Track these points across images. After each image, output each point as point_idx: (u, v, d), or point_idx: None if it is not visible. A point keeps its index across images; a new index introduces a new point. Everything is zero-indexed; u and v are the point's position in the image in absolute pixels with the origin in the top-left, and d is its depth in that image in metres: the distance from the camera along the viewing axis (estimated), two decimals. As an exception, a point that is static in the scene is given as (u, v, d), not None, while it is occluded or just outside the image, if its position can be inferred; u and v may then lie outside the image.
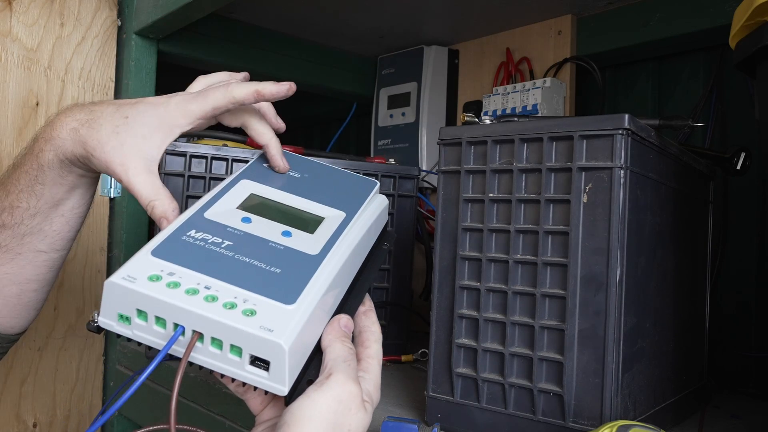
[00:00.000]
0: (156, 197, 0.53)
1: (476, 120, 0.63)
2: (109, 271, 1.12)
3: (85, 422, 1.10)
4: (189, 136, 0.98)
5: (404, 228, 0.96)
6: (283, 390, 0.42)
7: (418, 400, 0.74)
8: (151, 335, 0.43)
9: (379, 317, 0.97)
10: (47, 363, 1.06)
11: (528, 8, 1.07)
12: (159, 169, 0.57)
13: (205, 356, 0.42)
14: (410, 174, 0.97)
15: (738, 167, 0.78)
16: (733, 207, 0.94)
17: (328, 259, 0.48)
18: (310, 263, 0.47)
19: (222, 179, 0.87)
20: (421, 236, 1.11)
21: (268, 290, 0.43)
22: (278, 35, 1.27)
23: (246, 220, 0.50)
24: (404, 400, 0.75)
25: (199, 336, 0.42)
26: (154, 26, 1.03)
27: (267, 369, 0.41)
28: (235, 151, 0.89)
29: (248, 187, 0.55)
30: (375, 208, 0.57)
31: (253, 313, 0.41)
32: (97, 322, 0.46)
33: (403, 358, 0.94)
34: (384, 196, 0.61)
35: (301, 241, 0.49)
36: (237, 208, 0.52)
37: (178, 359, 0.42)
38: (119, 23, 1.12)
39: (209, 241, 0.47)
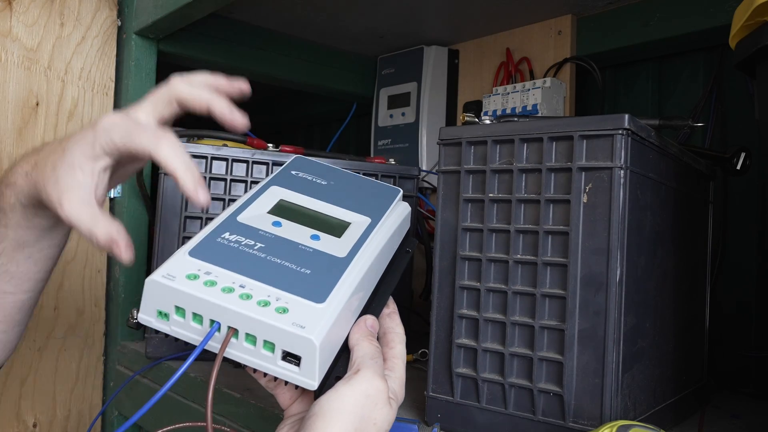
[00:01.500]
0: (93, 225, 0.50)
1: (476, 120, 0.63)
2: (109, 271, 1.12)
3: (85, 422, 1.10)
4: (189, 136, 0.98)
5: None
6: (313, 384, 0.44)
7: (418, 400, 0.74)
8: (188, 331, 0.45)
9: (379, 317, 0.97)
10: (47, 363, 1.06)
11: (528, 8, 1.07)
12: (158, 169, 0.55)
13: (239, 352, 0.44)
14: (410, 174, 0.97)
15: (738, 167, 0.78)
16: (733, 207, 0.94)
17: (355, 261, 0.50)
18: (338, 265, 0.49)
19: (222, 179, 0.88)
20: (421, 236, 1.11)
21: (299, 289, 0.46)
22: (278, 35, 1.27)
23: (276, 224, 0.53)
24: (404, 399, 0.74)
25: (234, 332, 0.44)
26: (154, 26, 1.03)
27: (298, 364, 0.44)
28: (235, 151, 0.89)
29: (278, 193, 0.57)
30: (399, 214, 0.60)
31: (285, 310, 0.44)
32: (136, 319, 0.48)
33: (403, 358, 0.94)
34: (407, 204, 0.63)
35: (329, 245, 0.52)
36: (268, 212, 0.54)
37: (213, 355, 0.44)
38: (119, 23, 1.12)
39: (242, 243, 0.49)
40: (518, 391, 0.58)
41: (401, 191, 0.62)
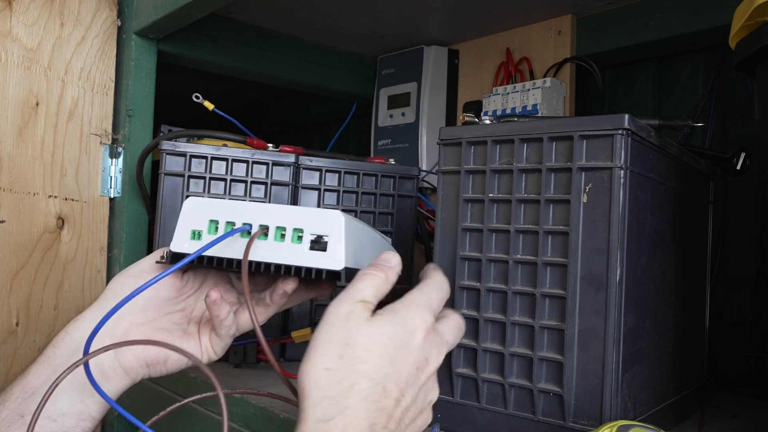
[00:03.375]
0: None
1: (476, 120, 0.63)
2: (109, 271, 1.12)
3: (85, 422, 1.10)
4: (189, 136, 0.98)
5: (404, 228, 0.96)
6: (340, 263, 0.48)
7: (418, 400, 0.73)
8: (220, 246, 0.48)
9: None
10: (47, 363, 1.06)
11: (528, 8, 1.07)
12: (158, 169, 0.56)
13: (267, 251, 0.48)
14: (410, 174, 0.97)
15: (738, 167, 0.78)
16: (733, 207, 0.94)
17: None
18: None
19: (222, 179, 0.88)
20: (421, 236, 1.11)
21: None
22: (278, 35, 1.27)
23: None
24: (404, 400, 0.74)
25: (265, 230, 0.48)
26: (154, 26, 1.03)
27: (325, 249, 0.48)
28: (235, 151, 0.89)
29: None
30: None
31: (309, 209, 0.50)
32: (165, 259, 0.51)
33: (403, 358, 0.94)
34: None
35: None
36: None
37: (238, 264, 0.48)
38: (119, 23, 1.12)
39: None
40: (518, 391, 0.58)
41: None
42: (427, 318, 0.46)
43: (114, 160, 1.11)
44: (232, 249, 0.49)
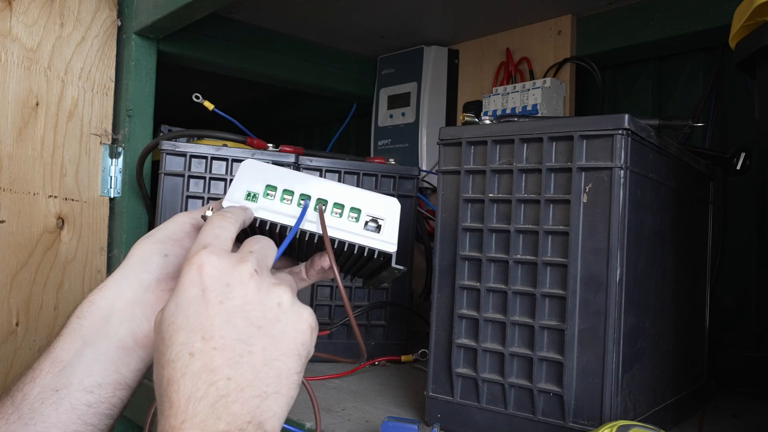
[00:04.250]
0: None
1: (476, 120, 0.63)
2: (109, 271, 1.11)
3: (85, 422, 1.10)
4: (189, 136, 0.98)
5: (404, 228, 0.96)
6: (393, 246, 0.51)
7: (418, 400, 0.74)
8: (274, 211, 0.50)
9: (379, 317, 0.98)
10: (47, 363, 1.06)
11: (528, 8, 1.07)
12: (158, 169, 0.55)
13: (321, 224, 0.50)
14: (410, 174, 0.97)
15: (738, 167, 0.78)
16: (733, 207, 0.94)
17: None
18: None
19: (222, 179, 0.88)
20: (421, 236, 1.11)
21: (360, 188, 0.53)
22: (278, 35, 1.27)
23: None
24: (404, 400, 0.75)
25: (323, 204, 0.50)
26: (154, 26, 1.03)
27: (378, 230, 0.51)
28: (235, 151, 0.89)
29: None
30: None
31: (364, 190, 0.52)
32: (209, 214, 0.49)
33: (403, 358, 0.94)
34: None
35: None
36: None
37: (282, 229, 0.49)
38: (119, 23, 1.12)
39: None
40: (518, 391, 0.58)
41: None
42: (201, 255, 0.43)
43: (114, 160, 1.11)
44: (285, 215, 0.50)
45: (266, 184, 0.50)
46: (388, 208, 0.51)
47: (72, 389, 0.49)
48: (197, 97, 1.02)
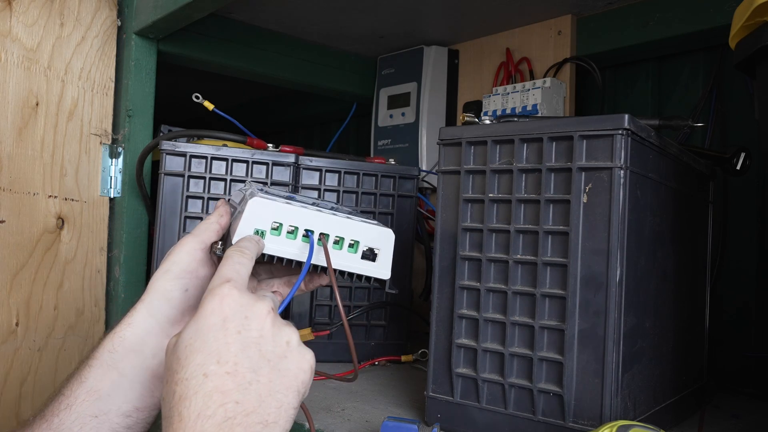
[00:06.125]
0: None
1: (476, 120, 0.63)
2: (109, 271, 1.12)
3: (85, 422, 1.10)
4: (189, 136, 0.98)
5: (404, 228, 0.96)
6: (387, 273, 0.56)
7: (418, 400, 0.74)
8: (282, 246, 0.54)
9: (379, 317, 0.98)
10: (47, 363, 1.06)
11: (528, 8, 1.07)
12: (158, 169, 0.57)
13: (323, 256, 0.54)
14: (410, 174, 0.97)
15: (738, 167, 0.78)
16: (733, 207, 0.94)
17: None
18: (362, 215, 0.62)
19: (222, 179, 0.88)
20: (421, 236, 1.11)
21: (355, 216, 0.58)
22: (278, 35, 1.27)
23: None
24: (404, 400, 0.75)
25: (325, 237, 0.54)
26: (154, 26, 1.03)
27: (374, 260, 0.56)
28: (234, 151, 0.89)
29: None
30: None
31: (362, 220, 0.56)
32: (221, 250, 0.55)
33: (403, 358, 0.94)
34: None
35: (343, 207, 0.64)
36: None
37: (300, 264, 0.54)
38: (119, 23, 1.12)
39: (289, 196, 0.60)
40: (518, 391, 0.58)
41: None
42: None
43: (114, 160, 1.11)
44: (290, 249, 0.54)
45: (272, 221, 0.53)
46: (383, 239, 0.56)
47: (111, 415, 0.53)
48: (197, 97, 1.02)
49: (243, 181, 0.89)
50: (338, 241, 0.55)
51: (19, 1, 1.03)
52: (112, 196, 1.11)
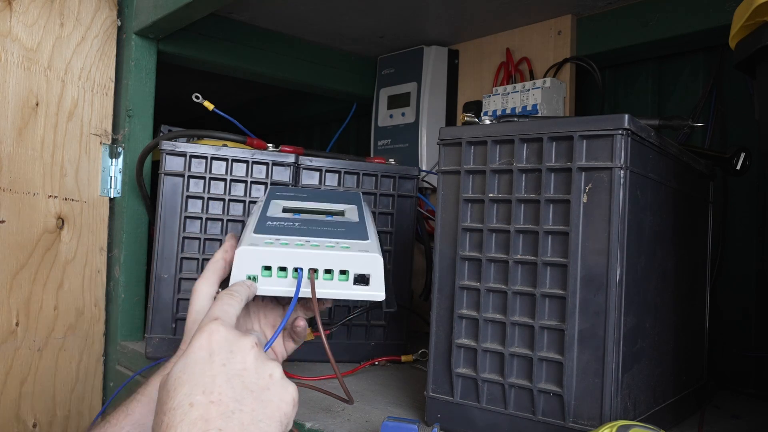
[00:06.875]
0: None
1: (476, 120, 0.63)
2: (109, 271, 1.12)
3: (85, 422, 1.10)
4: (189, 136, 0.98)
5: (404, 228, 0.96)
6: (382, 295, 0.58)
7: (418, 400, 0.74)
8: (275, 285, 0.58)
9: (379, 317, 0.98)
10: (47, 363, 1.06)
11: (528, 8, 1.07)
12: (158, 169, 0.57)
13: (319, 288, 0.57)
14: (410, 174, 0.97)
15: (738, 167, 0.78)
16: (733, 207, 0.94)
17: (367, 221, 0.67)
18: (359, 224, 0.66)
19: (222, 179, 0.88)
20: (421, 236, 1.11)
21: (347, 236, 0.61)
22: (278, 35, 1.27)
23: (296, 214, 0.68)
24: (404, 400, 0.75)
25: (314, 272, 0.57)
26: (154, 26, 1.03)
27: (367, 283, 0.58)
28: (234, 151, 0.89)
29: (280, 203, 0.71)
30: (368, 203, 0.80)
31: (348, 247, 0.59)
32: (219, 292, 0.58)
33: (403, 358, 0.94)
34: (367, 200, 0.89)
35: (342, 218, 0.68)
36: (283, 212, 0.68)
37: (289, 298, 0.56)
38: (119, 23, 1.12)
39: (286, 223, 0.64)
40: (518, 391, 0.58)
41: (360, 192, 0.82)
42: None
43: (114, 160, 1.11)
44: (282, 287, 0.58)
45: (262, 265, 0.57)
46: (371, 264, 0.58)
47: None
48: (197, 97, 1.02)
49: (243, 181, 0.89)
50: (329, 272, 0.57)
51: (19, 1, 1.03)
52: (112, 196, 1.11)
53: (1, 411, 1.02)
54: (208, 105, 1.02)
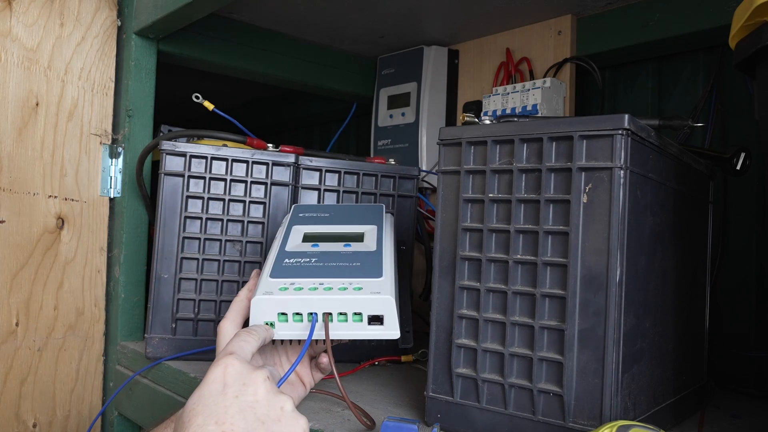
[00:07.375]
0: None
1: (476, 120, 0.63)
2: (109, 271, 1.12)
3: (85, 422, 1.10)
4: (189, 136, 0.98)
5: (404, 228, 0.96)
6: (396, 334, 0.60)
7: (418, 400, 0.74)
8: (292, 330, 0.61)
9: (379, 317, 0.97)
10: (47, 363, 1.06)
11: (528, 8, 1.07)
12: (158, 169, 0.57)
13: (336, 330, 0.60)
14: (410, 174, 0.97)
15: (738, 167, 0.78)
16: (733, 207, 0.94)
17: (384, 250, 0.68)
18: (375, 254, 0.67)
19: (222, 179, 0.88)
20: (421, 236, 1.11)
21: (360, 274, 0.62)
22: (278, 35, 1.27)
23: (315, 245, 0.70)
24: (404, 400, 0.75)
25: (329, 316, 0.59)
26: (154, 26, 1.03)
27: (382, 323, 0.60)
28: (235, 151, 0.89)
29: (301, 230, 0.74)
30: (390, 220, 0.78)
31: (360, 288, 0.60)
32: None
33: (403, 358, 0.94)
34: (390, 213, 0.87)
35: (360, 246, 0.69)
36: (303, 242, 0.71)
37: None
38: (119, 23, 1.12)
39: (302, 261, 0.66)
40: (518, 391, 0.58)
41: (383, 206, 0.81)
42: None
43: (114, 160, 1.11)
44: (298, 331, 0.60)
45: (277, 312, 0.60)
46: (384, 306, 0.59)
47: None
48: (197, 97, 1.02)
49: (243, 181, 0.89)
50: (344, 314, 0.59)
51: (19, 1, 1.03)
52: (112, 196, 1.11)
53: (1, 411, 1.02)
54: (208, 105, 1.02)
